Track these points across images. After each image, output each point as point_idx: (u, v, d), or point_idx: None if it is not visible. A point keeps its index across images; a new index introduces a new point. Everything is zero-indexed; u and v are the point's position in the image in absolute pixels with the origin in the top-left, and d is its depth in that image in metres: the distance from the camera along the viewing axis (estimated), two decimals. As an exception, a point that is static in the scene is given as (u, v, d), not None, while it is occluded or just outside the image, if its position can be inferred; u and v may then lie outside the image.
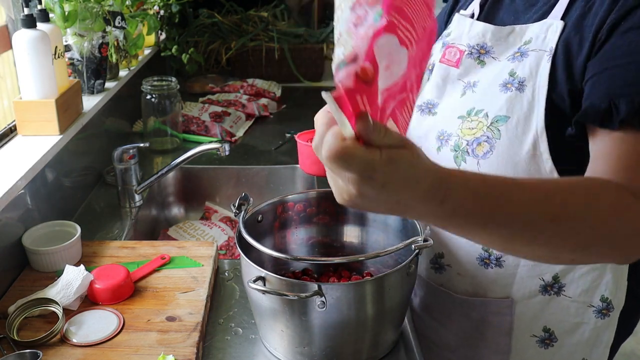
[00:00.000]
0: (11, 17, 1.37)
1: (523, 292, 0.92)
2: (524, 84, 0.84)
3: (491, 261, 0.92)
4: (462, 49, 0.93)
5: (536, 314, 0.93)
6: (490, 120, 0.86)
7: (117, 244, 1.21)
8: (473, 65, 0.92)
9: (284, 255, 0.96)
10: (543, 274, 0.91)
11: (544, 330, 0.94)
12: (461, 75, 0.93)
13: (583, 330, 0.93)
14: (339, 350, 0.91)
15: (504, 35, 0.89)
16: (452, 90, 0.94)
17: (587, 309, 0.92)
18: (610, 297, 0.91)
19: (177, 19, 2.32)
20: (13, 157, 1.17)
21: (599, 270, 0.90)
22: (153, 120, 1.72)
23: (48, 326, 0.94)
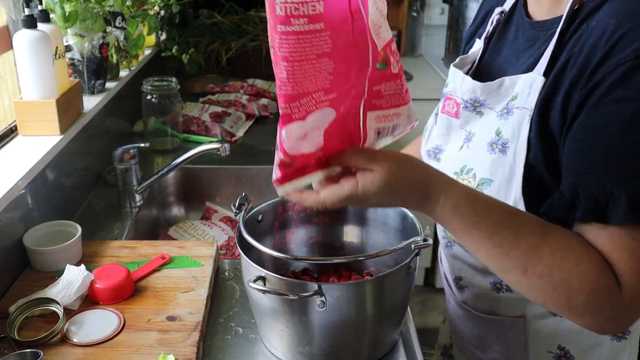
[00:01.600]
0: (12, 18, 1.37)
1: (535, 313, 0.93)
2: (507, 145, 0.83)
3: (502, 286, 0.94)
4: (458, 102, 0.93)
5: (550, 333, 0.93)
6: (477, 183, 0.87)
7: (118, 244, 1.21)
8: (471, 116, 0.92)
9: (284, 255, 0.96)
10: None
11: (559, 349, 0.94)
12: (462, 125, 0.93)
13: (599, 351, 0.92)
14: (339, 349, 0.91)
15: (494, 89, 0.87)
16: (456, 138, 0.95)
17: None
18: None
19: (178, 19, 2.32)
20: (14, 157, 1.18)
21: None
22: (153, 121, 1.73)
23: (49, 326, 0.94)
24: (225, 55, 2.37)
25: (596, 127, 0.70)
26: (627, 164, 0.68)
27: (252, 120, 2.01)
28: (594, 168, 0.70)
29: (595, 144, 0.70)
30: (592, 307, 0.70)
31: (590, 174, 0.70)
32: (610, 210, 0.69)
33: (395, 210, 1.05)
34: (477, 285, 0.97)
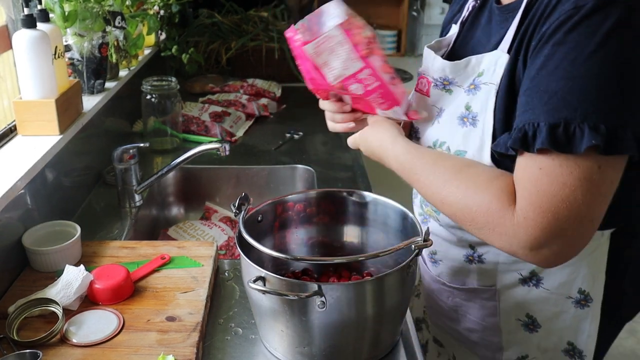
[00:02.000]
0: (11, 17, 1.37)
1: (505, 283, 1.01)
2: (477, 118, 0.90)
3: (474, 258, 1.03)
4: (430, 80, 1.01)
5: (519, 301, 1.01)
6: (452, 153, 0.94)
7: (117, 244, 1.21)
8: (441, 94, 0.99)
9: (284, 255, 0.96)
10: (520, 269, 0.99)
11: (527, 317, 1.02)
12: (433, 102, 1.00)
13: (564, 318, 0.99)
14: (339, 350, 0.91)
15: (461, 67, 0.94)
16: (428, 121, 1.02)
17: (566, 300, 0.98)
18: (587, 290, 0.97)
19: (177, 19, 2.32)
20: (13, 157, 1.17)
21: (575, 265, 0.95)
22: (153, 120, 1.72)
23: (48, 326, 0.94)
24: (225, 55, 2.37)
25: (533, 70, 0.78)
26: (552, 98, 0.75)
27: (252, 120, 2.01)
28: (530, 105, 0.77)
29: (531, 85, 0.78)
30: (489, 226, 0.81)
31: (527, 111, 0.78)
32: (533, 139, 0.75)
33: (395, 210, 1.05)
34: (450, 258, 1.06)
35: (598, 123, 0.72)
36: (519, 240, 0.78)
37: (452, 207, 0.86)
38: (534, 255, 0.79)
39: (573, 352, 1.02)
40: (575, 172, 0.74)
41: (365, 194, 1.10)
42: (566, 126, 0.73)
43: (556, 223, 0.75)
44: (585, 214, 0.75)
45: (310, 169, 1.67)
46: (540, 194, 0.75)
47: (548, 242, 0.76)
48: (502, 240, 0.80)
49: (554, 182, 0.75)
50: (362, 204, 1.09)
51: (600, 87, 0.73)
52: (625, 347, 2.45)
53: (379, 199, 1.08)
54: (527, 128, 0.76)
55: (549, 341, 1.02)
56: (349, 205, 1.11)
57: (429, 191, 0.90)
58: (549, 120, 0.74)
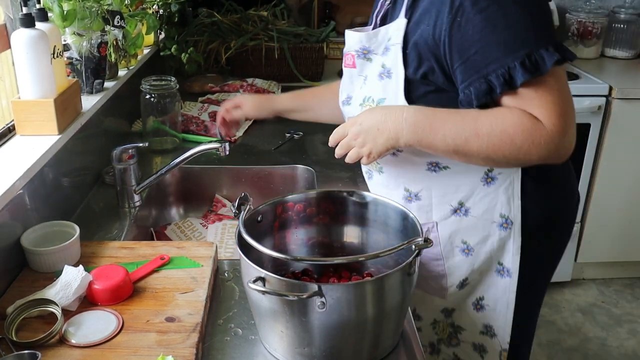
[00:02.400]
0: (9, 16, 1.37)
1: (439, 216, 1.19)
2: (391, 72, 1.11)
3: (412, 197, 1.21)
4: (353, 54, 1.20)
5: (454, 230, 1.19)
6: (376, 103, 1.14)
7: (116, 245, 1.20)
8: (364, 63, 1.18)
9: (284, 255, 0.96)
10: (450, 201, 1.17)
11: (462, 242, 1.20)
12: (359, 72, 1.20)
13: (492, 241, 1.18)
14: (339, 351, 0.90)
15: (373, 36, 1.15)
16: (357, 85, 1.21)
17: (491, 224, 1.17)
18: (507, 214, 1.16)
19: (177, 18, 2.32)
20: (11, 157, 1.17)
21: (493, 193, 1.15)
22: (152, 120, 1.72)
23: (47, 327, 0.93)
24: (224, 55, 2.37)
25: (475, 36, 0.98)
26: (508, 45, 0.97)
27: (252, 120, 2.00)
28: (491, 58, 0.98)
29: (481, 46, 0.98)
30: (530, 141, 0.99)
31: (491, 62, 0.98)
32: (514, 78, 0.97)
33: (395, 210, 1.05)
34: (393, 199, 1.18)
35: (547, 46, 0.97)
36: (556, 144, 0.99)
37: (489, 137, 1.00)
38: (567, 151, 1.02)
39: (503, 270, 1.20)
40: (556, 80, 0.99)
41: (366, 194, 1.09)
42: (529, 57, 0.96)
43: (571, 119, 1.00)
44: (572, 102, 1.02)
45: (310, 169, 1.67)
46: (553, 105, 0.98)
47: (572, 134, 1.00)
48: (542, 150, 0.99)
49: (550, 92, 0.99)
50: (362, 204, 1.09)
51: (532, 23, 0.98)
52: (626, 348, 2.45)
53: (379, 199, 1.08)
54: (503, 74, 0.97)
55: (482, 263, 1.20)
56: (349, 206, 1.10)
57: (457, 132, 1.02)
58: (517, 59, 0.96)
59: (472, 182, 1.15)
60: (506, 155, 1.01)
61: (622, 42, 2.94)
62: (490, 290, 1.23)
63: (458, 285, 1.24)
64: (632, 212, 2.70)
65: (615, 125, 2.53)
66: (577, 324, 2.60)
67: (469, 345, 1.30)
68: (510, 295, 1.21)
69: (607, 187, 2.64)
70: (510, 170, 1.13)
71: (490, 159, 1.04)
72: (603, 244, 2.76)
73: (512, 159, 1.02)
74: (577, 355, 2.42)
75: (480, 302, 1.25)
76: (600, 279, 2.91)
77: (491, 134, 1.00)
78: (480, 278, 1.22)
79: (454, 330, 1.30)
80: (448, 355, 1.34)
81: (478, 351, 1.29)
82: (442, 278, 1.24)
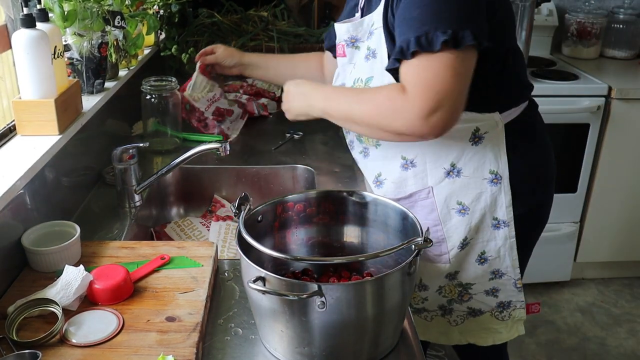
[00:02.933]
0: (10, 17, 1.37)
1: (434, 180, 1.27)
2: (376, 52, 1.21)
3: (408, 165, 1.28)
4: (343, 44, 1.31)
5: (448, 192, 1.27)
6: (365, 82, 1.24)
7: (117, 244, 1.20)
8: (353, 51, 1.30)
9: (284, 255, 0.96)
10: (443, 163, 1.25)
11: (458, 204, 1.27)
12: (349, 60, 1.32)
13: (485, 197, 1.26)
14: (339, 350, 0.91)
15: (359, 24, 1.25)
16: (348, 71, 1.32)
17: (483, 181, 1.25)
18: (495, 169, 1.25)
19: (177, 18, 2.32)
20: (12, 157, 1.17)
21: (481, 152, 1.24)
22: (153, 121, 1.72)
23: (47, 326, 0.94)
24: (224, 55, 2.36)
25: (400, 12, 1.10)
26: (414, 22, 1.06)
27: (246, 117, 1.99)
28: (403, 31, 1.08)
29: (400, 19, 1.10)
30: (392, 108, 1.08)
31: (401, 35, 1.08)
32: (407, 49, 1.06)
33: (395, 210, 1.05)
34: (391, 173, 1.31)
35: (445, 29, 1.03)
36: (414, 112, 1.05)
37: (368, 102, 1.14)
38: (426, 124, 1.05)
39: (499, 223, 1.29)
40: (440, 62, 1.05)
41: (366, 194, 1.09)
42: (426, 35, 1.04)
43: (436, 95, 1.04)
44: (454, 90, 1.05)
45: (310, 169, 1.67)
46: (421, 78, 1.06)
47: (433, 110, 1.04)
48: (402, 118, 1.07)
49: (427, 70, 1.05)
50: (362, 204, 1.09)
51: (441, 8, 1.06)
52: (626, 347, 2.45)
53: (379, 199, 1.08)
54: (402, 45, 1.07)
55: (478, 220, 1.28)
56: (349, 206, 1.11)
57: (348, 102, 1.19)
58: (416, 34, 1.05)
59: (461, 144, 1.23)
60: (379, 121, 1.12)
61: (621, 43, 2.94)
62: (490, 244, 1.31)
63: (459, 246, 1.30)
64: (632, 212, 2.70)
65: (615, 126, 2.53)
66: (576, 323, 2.60)
67: (482, 294, 1.38)
68: (510, 240, 1.30)
69: (606, 187, 2.64)
70: (494, 129, 1.23)
71: (370, 126, 1.15)
72: (603, 244, 2.76)
73: (383, 125, 1.12)
74: (576, 354, 2.42)
75: (482, 256, 1.32)
76: (599, 278, 2.91)
77: (369, 100, 1.14)
78: (478, 235, 1.30)
79: (462, 289, 1.37)
80: (462, 310, 1.42)
81: (491, 294, 1.38)
82: (442, 243, 1.31)
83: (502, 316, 1.41)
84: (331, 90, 1.29)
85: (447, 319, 1.44)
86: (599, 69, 2.78)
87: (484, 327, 1.43)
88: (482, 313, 1.41)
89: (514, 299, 1.38)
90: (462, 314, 1.42)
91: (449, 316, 1.43)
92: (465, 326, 1.44)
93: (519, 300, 1.39)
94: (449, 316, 1.43)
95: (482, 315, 1.41)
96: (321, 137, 1.89)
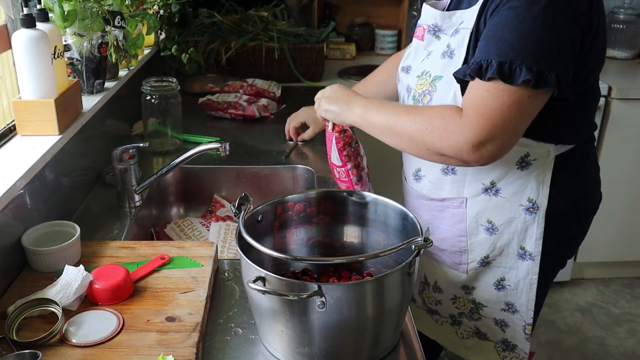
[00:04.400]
0: (10, 17, 1.37)
1: (470, 192, 1.26)
2: (454, 53, 1.16)
3: (449, 170, 1.26)
4: (425, 27, 1.26)
5: (481, 209, 1.26)
6: (432, 79, 1.20)
7: (117, 244, 1.21)
8: (432, 39, 1.24)
9: (284, 255, 0.96)
10: (483, 179, 1.23)
11: (487, 222, 1.26)
12: (425, 46, 1.26)
13: (516, 223, 1.24)
14: (339, 350, 0.91)
15: (448, 17, 1.21)
16: (420, 57, 1.28)
17: (518, 207, 1.23)
18: (534, 199, 1.22)
19: (177, 18, 2.32)
20: (12, 157, 1.17)
21: (525, 177, 1.21)
22: (153, 122, 1.72)
23: (47, 326, 0.94)
24: (224, 55, 2.37)
25: (493, 25, 1.06)
26: (503, 44, 1.02)
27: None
28: (487, 47, 1.04)
29: (489, 34, 1.06)
30: (443, 126, 1.06)
31: (484, 51, 1.04)
32: (486, 70, 1.02)
33: (395, 210, 1.05)
34: (430, 172, 1.30)
35: (532, 65, 1.00)
36: (465, 137, 1.03)
37: (416, 115, 1.10)
38: (474, 152, 1.03)
39: (525, 254, 1.27)
40: (512, 96, 1.02)
41: (366, 194, 1.09)
42: (510, 64, 1.01)
43: (492, 128, 1.02)
44: (512, 127, 1.03)
45: (310, 169, 1.67)
46: (483, 106, 1.03)
47: (485, 141, 1.02)
48: (451, 140, 1.05)
49: (495, 100, 1.02)
50: (362, 204, 1.09)
51: (536, 40, 1.01)
52: (626, 347, 2.45)
53: (379, 199, 1.08)
54: (482, 62, 1.03)
55: (504, 243, 1.26)
56: (349, 206, 1.11)
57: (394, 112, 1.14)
58: (499, 59, 1.01)
59: (507, 164, 1.20)
60: (425, 137, 1.08)
61: (621, 43, 2.94)
62: (511, 272, 1.29)
63: (479, 261, 1.30)
64: (632, 212, 2.70)
65: (615, 126, 2.53)
66: (576, 323, 2.60)
67: (491, 320, 1.37)
68: (532, 276, 1.28)
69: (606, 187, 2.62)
70: (544, 158, 1.19)
71: (412, 140, 1.11)
72: (603, 244, 2.76)
73: (428, 143, 1.09)
74: (576, 354, 2.42)
75: (501, 282, 1.31)
76: (599, 278, 2.91)
77: (420, 113, 1.11)
78: (501, 258, 1.28)
79: (475, 307, 1.37)
80: (469, 327, 1.41)
81: (499, 326, 1.36)
82: (462, 254, 1.31)
83: (504, 355, 1.39)
84: (377, 100, 1.22)
85: (455, 329, 1.44)
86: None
87: (485, 355, 1.42)
88: (487, 339, 1.40)
89: (520, 345, 1.36)
90: (470, 330, 1.42)
91: (458, 327, 1.43)
92: (470, 342, 1.43)
93: (524, 350, 1.36)
94: (457, 327, 1.43)
95: (487, 342, 1.40)
96: (321, 137, 1.89)
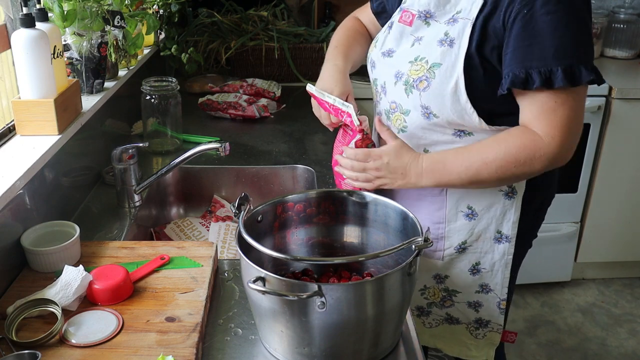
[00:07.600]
0: (10, 17, 1.37)
1: None
2: (454, 41, 1.15)
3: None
4: (414, 13, 1.24)
5: (461, 195, 1.26)
6: (429, 65, 1.16)
7: (117, 244, 1.20)
8: (421, 25, 1.22)
9: (284, 255, 0.96)
10: None
11: (468, 208, 1.27)
12: (413, 32, 1.24)
13: (495, 208, 1.26)
14: (339, 350, 0.90)
15: (443, 4, 1.19)
16: (406, 42, 1.25)
17: (498, 192, 1.25)
18: (514, 184, 1.24)
19: (177, 18, 2.32)
20: (12, 157, 1.17)
21: None
22: (153, 121, 1.72)
23: (47, 327, 0.94)
24: (224, 55, 2.37)
25: (535, 31, 1.06)
26: (559, 51, 1.05)
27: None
28: (539, 56, 1.06)
29: (535, 41, 1.07)
30: (532, 156, 1.10)
31: (539, 59, 1.06)
32: (553, 79, 1.05)
33: (395, 210, 1.05)
34: None
35: (587, 64, 1.06)
36: (554, 154, 1.09)
37: (496, 162, 1.11)
38: (565, 159, 1.11)
39: (501, 238, 1.29)
40: (576, 98, 1.08)
41: (366, 194, 1.09)
42: (572, 68, 1.05)
43: (572, 136, 1.10)
44: (581, 122, 1.12)
45: (310, 169, 1.67)
46: (556, 118, 1.08)
47: (570, 147, 1.11)
48: (543, 162, 1.10)
49: (565, 107, 1.07)
50: (362, 204, 1.09)
51: (581, 42, 1.07)
52: (626, 348, 2.45)
53: (379, 199, 1.08)
54: (545, 74, 1.05)
55: (482, 228, 1.28)
56: (349, 206, 1.10)
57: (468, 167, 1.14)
58: (561, 66, 1.04)
59: None
60: (514, 172, 1.12)
61: (621, 42, 2.94)
62: (487, 256, 1.31)
63: (455, 247, 1.30)
64: (632, 212, 2.70)
65: (615, 125, 2.53)
66: (576, 323, 2.60)
67: (464, 304, 1.37)
68: (508, 257, 1.31)
69: (606, 187, 2.64)
70: None
71: (501, 180, 1.16)
72: (603, 244, 2.76)
73: (520, 174, 1.13)
74: (576, 355, 2.42)
75: (476, 267, 1.32)
76: (600, 279, 2.91)
77: (497, 158, 1.11)
78: (477, 244, 1.30)
79: (447, 294, 1.36)
80: (439, 315, 1.40)
81: (473, 307, 1.37)
82: (439, 241, 1.31)
83: (477, 333, 1.39)
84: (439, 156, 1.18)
85: (422, 320, 1.42)
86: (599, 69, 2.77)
87: (455, 338, 1.41)
88: (458, 323, 1.39)
89: (493, 320, 1.37)
90: (439, 318, 1.40)
91: (425, 318, 1.42)
92: (437, 330, 1.42)
93: (498, 323, 1.37)
94: (424, 317, 1.42)
95: (458, 326, 1.39)
96: (321, 137, 1.89)
